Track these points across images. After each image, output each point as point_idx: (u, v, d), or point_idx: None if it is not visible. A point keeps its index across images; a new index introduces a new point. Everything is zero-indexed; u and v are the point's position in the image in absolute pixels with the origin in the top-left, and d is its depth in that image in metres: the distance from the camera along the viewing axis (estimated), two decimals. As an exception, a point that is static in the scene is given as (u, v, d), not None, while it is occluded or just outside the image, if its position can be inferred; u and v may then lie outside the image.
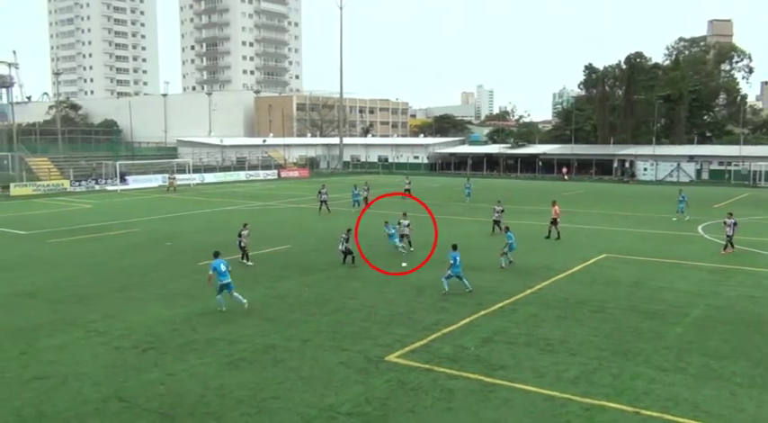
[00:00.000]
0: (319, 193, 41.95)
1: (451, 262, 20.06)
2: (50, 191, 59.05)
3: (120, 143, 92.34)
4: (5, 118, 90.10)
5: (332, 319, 17.41)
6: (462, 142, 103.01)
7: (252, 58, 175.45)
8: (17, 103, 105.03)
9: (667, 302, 19.17)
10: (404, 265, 24.20)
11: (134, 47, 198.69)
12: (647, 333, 16.27)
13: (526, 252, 26.97)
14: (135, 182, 65.66)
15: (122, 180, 64.37)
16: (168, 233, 32.89)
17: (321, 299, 19.60)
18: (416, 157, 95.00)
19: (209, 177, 72.79)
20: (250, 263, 24.34)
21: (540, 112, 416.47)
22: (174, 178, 62.06)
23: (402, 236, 26.78)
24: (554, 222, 30.74)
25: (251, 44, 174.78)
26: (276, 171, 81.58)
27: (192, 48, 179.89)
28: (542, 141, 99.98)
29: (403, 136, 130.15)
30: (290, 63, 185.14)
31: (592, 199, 52.31)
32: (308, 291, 20.62)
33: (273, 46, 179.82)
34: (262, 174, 79.20)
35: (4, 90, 74.82)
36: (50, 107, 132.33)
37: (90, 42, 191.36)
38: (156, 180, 67.57)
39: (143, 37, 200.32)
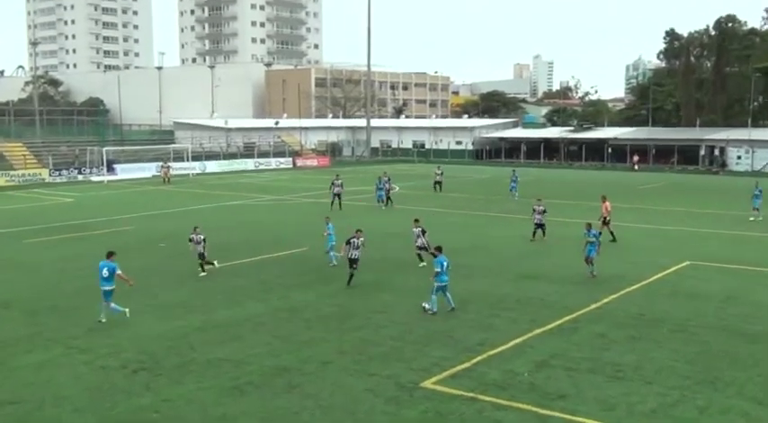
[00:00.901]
0: (332, 184, 42.08)
1: (437, 270, 19.41)
2: (26, 182, 60.25)
3: (107, 126, 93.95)
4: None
5: (357, 338, 17.47)
6: (515, 124, 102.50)
7: (263, 24, 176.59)
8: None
9: (766, 322, 18.87)
10: (422, 265, 24.47)
11: (124, 11, 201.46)
12: (741, 358, 16.04)
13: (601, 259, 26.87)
14: (124, 171, 66.65)
15: (110, 169, 65.41)
16: (163, 232, 33.33)
17: (344, 313, 19.69)
18: (459, 143, 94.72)
19: (212, 166, 73.58)
20: (204, 273, 24.18)
21: (610, 88, 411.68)
22: (169, 167, 62.82)
23: (420, 249, 25.47)
24: (605, 222, 30.51)
25: (261, 7, 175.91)
26: (291, 159, 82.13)
27: (192, 12, 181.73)
28: (612, 123, 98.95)
29: (443, 117, 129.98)
30: (308, 30, 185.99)
31: (673, 193, 51.70)
32: (328, 303, 20.73)
33: (288, 9, 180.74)
34: (274, 162, 79.78)
35: (-28, 63, 76.45)
36: (26, 83, 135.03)
37: (72, 6, 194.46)
38: (149, 169, 68.44)
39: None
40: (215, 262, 24.77)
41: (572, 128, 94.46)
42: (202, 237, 24.53)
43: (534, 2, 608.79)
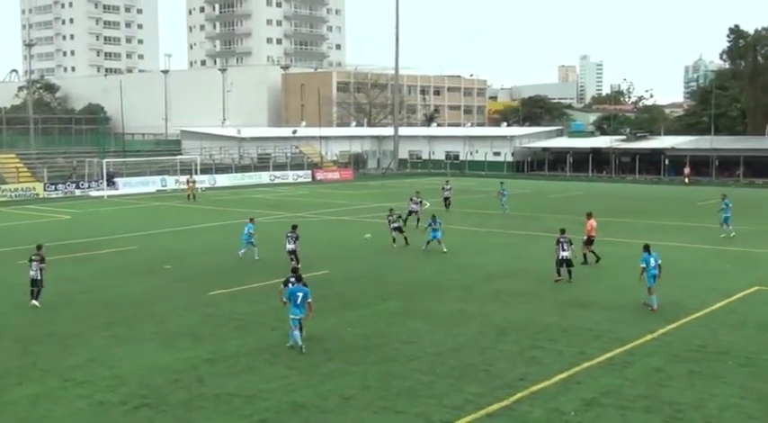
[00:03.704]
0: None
1: (284, 300, 19.26)
2: (19, 197, 61.13)
3: (107, 135, 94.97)
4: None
5: (382, 371, 17.48)
6: (560, 133, 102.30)
7: (279, 23, 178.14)
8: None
9: None
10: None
11: (127, 10, 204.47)
12: (817, 397, 15.81)
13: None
14: (126, 186, 67.41)
15: (110, 183, 66.17)
16: (168, 253, 33.65)
17: (368, 343, 19.73)
18: (497, 154, 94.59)
19: (222, 180, 74.22)
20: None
21: (667, 92, 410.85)
22: (194, 182, 63.01)
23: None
24: (588, 242, 30.15)
25: (278, 4, 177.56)
26: (310, 172, 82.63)
27: (202, 10, 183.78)
28: (670, 132, 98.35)
29: (479, 125, 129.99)
30: (330, 29, 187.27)
31: (738, 210, 51.12)
32: (350, 332, 20.79)
33: (308, 5, 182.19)
34: (291, 175, 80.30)
35: (-38, 67, 77.81)
36: (20, 88, 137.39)
37: (71, 4, 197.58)
38: (153, 183, 69.22)
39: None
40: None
41: (624, 137, 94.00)
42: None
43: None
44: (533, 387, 16.31)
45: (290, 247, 29.91)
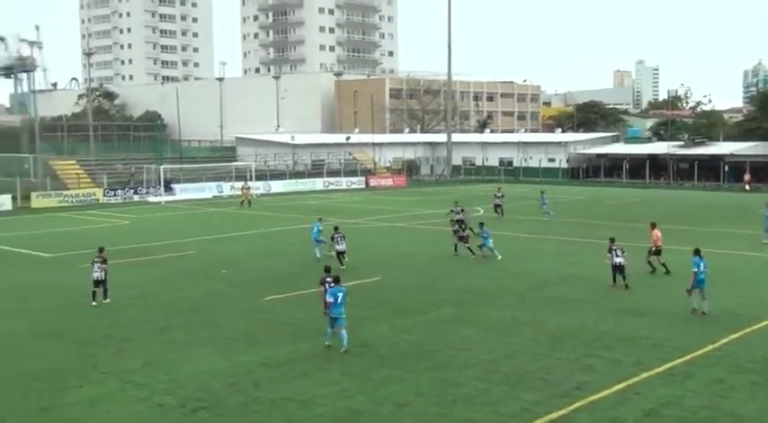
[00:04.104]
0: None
1: (330, 300, 19.63)
2: (80, 202, 62.38)
3: (164, 142, 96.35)
4: (26, 110, 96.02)
5: (436, 378, 17.43)
6: (616, 139, 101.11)
7: (332, 30, 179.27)
8: (40, 91, 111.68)
9: None
10: None
11: (183, 18, 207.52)
12: None
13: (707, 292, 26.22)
14: (183, 191, 68.40)
15: (168, 189, 67.15)
16: (225, 258, 34.03)
17: (422, 350, 19.69)
18: (551, 160, 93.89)
19: (277, 186, 74.84)
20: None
21: (726, 96, 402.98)
22: (249, 188, 63.48)
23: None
24: (655, 252, 29.58)
25: (331, 11, 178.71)
26: (363, 178, 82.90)
27: (256, 18, 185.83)
28: (729, 138, 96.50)
29: (533, 131, 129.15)
30: (382, 36, 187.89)
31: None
32: (404, 338, 20.77)
33: (360, 13, 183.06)
34: (344, 182, 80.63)
35: (24, 75, 79.92)
36: (80, 96, 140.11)
37: (128, 14, 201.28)
38: (209, 189, 70.08)
39: (194, 5, 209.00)
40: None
41: (682, 143, 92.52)
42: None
43: (636, 1, 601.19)
44: (591, 396, 16.11)
45: (339, 247, 31.45)
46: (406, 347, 19.91)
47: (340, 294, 19.64)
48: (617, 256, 26.79)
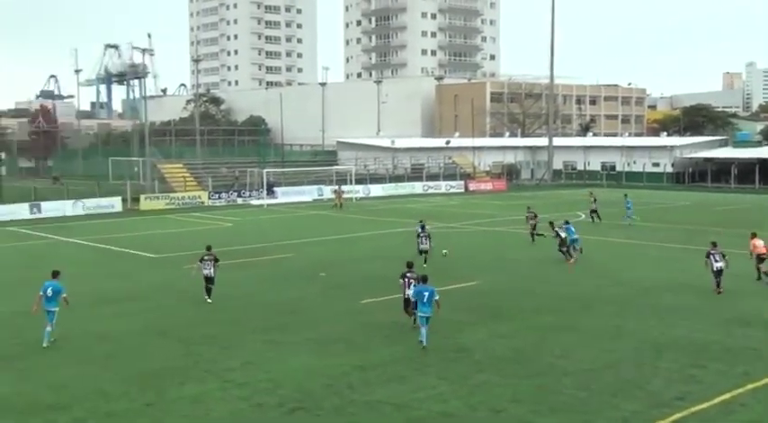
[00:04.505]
0: (527, 217, 41.32)
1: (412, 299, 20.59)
2: (185, 205, 64.15)
3: (267, 146, 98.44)
4: (137, 115, 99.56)
5: (534, 384, 17.22)
6: (724, 143, 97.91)
7: (434, 34, 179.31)
8: (151, 97, 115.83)
9: None
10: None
11: (288, 25, 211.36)
12: None
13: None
14: (285, 195, 69.52)
15: (270, 192, 68.39)
16: (324, 261, 34.43)
17: (520, 356, 19.47)
18: (656, 164, 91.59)
19: (376, 190, 75.33)
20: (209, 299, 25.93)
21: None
22: (342, 192, 64.59)
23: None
24: (760, 259, 28.41)
25: (433, 16, 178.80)
26: (463, 182, 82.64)
27: (359, 23, 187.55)
28: None
29: (637, 135, 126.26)
30: (484, 39, 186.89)
31: None
32: (501, 344, 20.58)
33: (462, 17, 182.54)
34: (444, 186, 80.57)
35: (136, 82, 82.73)
36: (188, 101, 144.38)
37: (236, 21, 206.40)
38: (310, 193, 71.10)
39: (299, 11, 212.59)
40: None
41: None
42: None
43: (746, 1, 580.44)
44: (693, 407, 15.63)
45: (423, 246, 32.50)
46: (504, 353, 19.72)
47: (426, 293, 20.05)
48: (716, 261, 26.38)
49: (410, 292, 21.50)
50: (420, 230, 33.44)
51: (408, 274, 22.01)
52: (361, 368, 18.48)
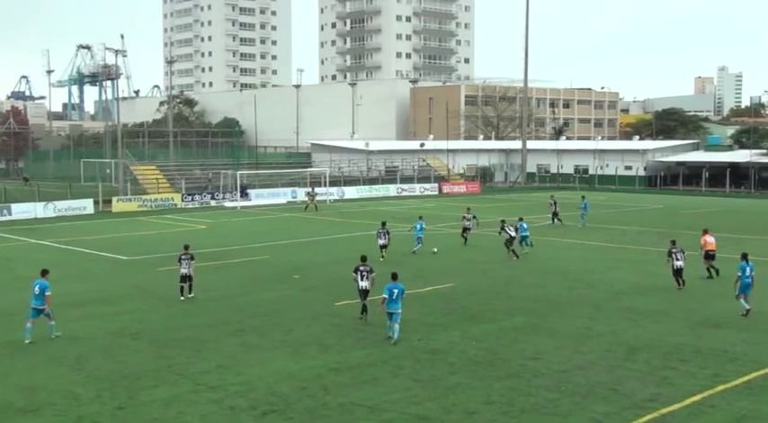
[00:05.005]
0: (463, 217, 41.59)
1: (385, 296, 20.86)
2: (158, 207, 63.71)
3: (241, 148, 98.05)
4: (109, 117, 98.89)
5: (506, 387, 17.30)
6: (696, 147, 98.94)
7: (409, 37, 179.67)
8: (123, 98, 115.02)
9: None
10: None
11: (262, 27, 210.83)
12: None
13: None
14: (258, 197, 69.32)
15: (243, 194, 68.18)
16: (297, 263, 34.37)
17: (493, 358, 19.56)
18: (629, 168, 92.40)
19: (351, 192, 75.25)
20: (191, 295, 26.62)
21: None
22: (316, 194, 64.53)
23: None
24: (708, 257, 30.18)
25: (408, 19, 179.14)
26: (437, 185, 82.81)
27: (334, 26, 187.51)
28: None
29: (610, 138, 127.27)
30: (458, 43, 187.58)
31: None
32: (475, 346, 20.66)
33: (437, 20, 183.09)
34: (418, 188, 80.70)
35: (108, 83, 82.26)
36: (161, 103, 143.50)
37: (210, 22, 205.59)
38: (284, 195, 70.88)
39: (273, 13, 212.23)
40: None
41: (764, 151, 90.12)
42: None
43: (718, 5, 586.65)
44: (664, 409, 15.78)
45: (381, 241, 34.84)
46: (477, 355, 19.81)
47: (396, 291, 20.78)
48: (677, 259, 27.79)
49: (363, 283, 23.09)
50: (380, 228, 35.64)
51: (361, 268, 23.40)
52: (335, 370, 18.48)
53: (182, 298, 26.22)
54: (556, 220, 48.92)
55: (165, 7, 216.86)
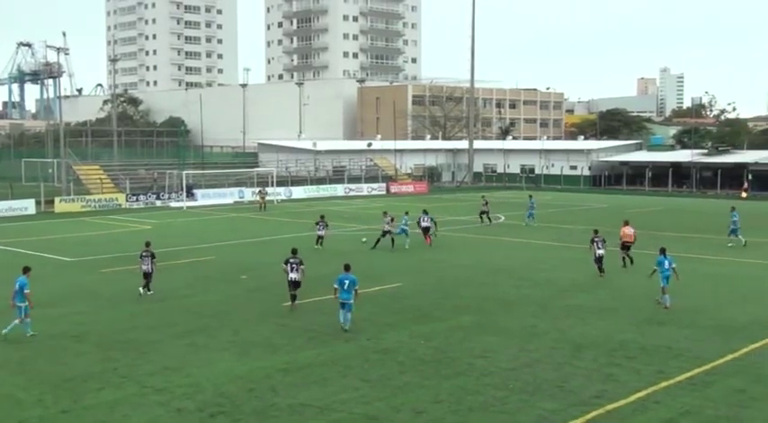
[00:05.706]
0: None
1: (336, 287, 21.98)
2: (102, 207, 62.76)
3: (187, 147, 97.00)
4: (51, 115, 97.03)
5: (455, 385, 17.40)
6: (639, 147, 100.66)
7: (356, 37, 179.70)
8: (66, 96, 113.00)
9: None
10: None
11: (207, 25, 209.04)
12: None
13: (730, 302, 26.02)
14: (205, 197, 68.69)
15: (189, 194, 67.50)
16: (245, 263, 34.15)
17: (441, 357, 19.65)
18: (574, 168, 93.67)
19: (298, 192, 75.01)
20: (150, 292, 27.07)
21: (751, 105, 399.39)
22: (266, 194, 64.24)
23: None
24: (624, 247, 32.22)
25: (355, 18, 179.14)
26: (384, 184, 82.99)
27: (280, 25, 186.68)
28: (754, 146, 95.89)
29: (556, 138, 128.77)
30: (405, 43, 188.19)
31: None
32: (423, 345, 20.74)
33: (384, 20, 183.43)
34: (365, 188, 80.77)
35: (50, 81, 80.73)
36: (105, 102, 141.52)
37: (154, 20, 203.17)
38: (230, 195, 70.32)
39: (219, 12, 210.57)
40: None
41: (706, 151, 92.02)
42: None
43: (660, 8, 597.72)
44: (609, 405, 16.02)
45: (320, 232, 38.19)
46: (426, 354, 19.88)
47: (347, 281, 21.79)
48: (598, 248, 29.80)
49: (293, 275, 24.31)
50: (319, 219, 38.96)
51: (291, 260, 24.55)
52: (284, 371, 18.40)
53: (141, 292, 26.72)
54: (485, 218, 49.96)
55: (107, 5, 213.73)
